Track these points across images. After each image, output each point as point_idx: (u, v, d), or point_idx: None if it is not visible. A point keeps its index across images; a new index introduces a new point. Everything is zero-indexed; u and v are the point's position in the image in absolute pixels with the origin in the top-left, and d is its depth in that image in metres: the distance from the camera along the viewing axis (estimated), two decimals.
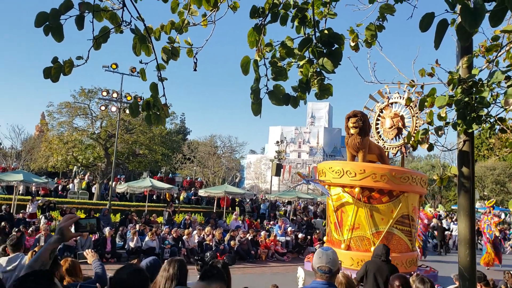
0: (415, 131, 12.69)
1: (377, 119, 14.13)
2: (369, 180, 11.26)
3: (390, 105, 13.86)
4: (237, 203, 28.95)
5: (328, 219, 13.15)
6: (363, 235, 11.49)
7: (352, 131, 11.65)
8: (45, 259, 2.53)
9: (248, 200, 31.07)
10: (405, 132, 13.29)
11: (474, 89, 3.06)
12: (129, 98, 22.87)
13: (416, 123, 12.77)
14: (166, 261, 3.67)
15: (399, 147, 13.35)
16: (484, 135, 3.86)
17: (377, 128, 14.06)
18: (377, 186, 11.32)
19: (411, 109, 12.93)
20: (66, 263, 4.48)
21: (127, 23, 2.50)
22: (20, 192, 23.86)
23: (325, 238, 13.61)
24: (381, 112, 14.17)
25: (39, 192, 24.24)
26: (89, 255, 4.48)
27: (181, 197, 30.11)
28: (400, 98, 13.46)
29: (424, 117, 12.61)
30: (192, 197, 30.28)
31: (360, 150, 11.71)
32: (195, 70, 3.13)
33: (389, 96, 13.93)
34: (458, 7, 2.17)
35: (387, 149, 13.55)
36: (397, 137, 13.46)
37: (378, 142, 13.82)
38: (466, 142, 3.22)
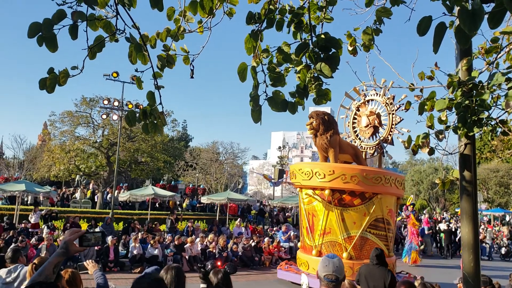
0: (392, 130, 12.32)
1: (354, 118, 13.53)
2: (338, 182, 10.62)
3: (366, 102, 13.21)
4: (258, 212, 28.73)
5: (300, 224, 12.58)
6: (334, 240, 10.86)
7: (309, 132, 11.32)
8: (48, 273, 2.51)
9: (275, 208, 30.88)
10: (381, 131, 12.73)
11: (474, 91, 3.03)
12: (130, 106, 22.89)
13: (393, 121, 12.24)
14: (163, 268, 3.64)
15: (376, 146, 12.68)
16: (486, 137, 3.82)
17: (354, 127, 13.39)
18: (348, 188, 10.68)
19: (387, 107, 12.37)
20: (66, 274, 4.45)
21: (121, 31, 2.48)
22: (29, 202, 23.96)
23: (299, 244, 12.98)
24: (358, 110, 13.46)
25: (43, 203, 24.29)
26: (90, 265, 4.43)
27: (184, 204, 30.08)
28: (377, 95, 12.82)
29: (400, 114, 12.30)
30: (197, 205, 30.21)
31: (329, 149, 11.12)
32: (192, 77, 3.11)
33: (365, 94, 13.24)
34: (456, 10, 2.15)
35: (365, 149, 12.90)
36: (374, 136, 12.81)
37: (355, 142, 13.23)
38: (467, 145, 3.18)
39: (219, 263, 12.73)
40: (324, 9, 2.96)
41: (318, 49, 2.66)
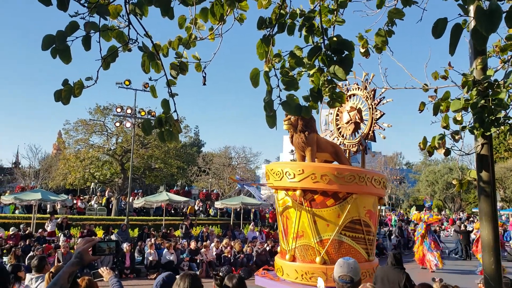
0: (373, 125, 11.81)
1: (337, 114, 12.84)
2: (308, 181, 9.96)
3: (348, 97, 12.54)
4: None
5: (278, 227, 11.90)
6: (307, 244, 10.18)
7: (284, 127, 10.64)
8: (63, 282, 2.53)
9: None
10: (363, 127, 12.00)
11: (490, 90, 2.98)
12: (143, 113, 23.08)
13: (374, 115, 11.54)
14: (178, 276, 3.61)
15: (358, 143, 11.98)
16: (502, 136, 3.75)
17: (337, 124, 12.77)
18: (319, 188, 10.02)
19: (368, 101, 11.78)
20: (83, 282, 4.48)
21: (133, 40, 2.50)
22: (48, 210, 24.38)
23: (278, 249, 12.42)
24: (340, 106, 12.91)
25: (59, 211, 24.64)
26: (105, 272, 4.44)
27: (211, 211, 30.26)
28: (359, 89, 12.14)
29: (381, 109, 11.77)
30: (218, 210, 30.23)
31: (306, 148, 10.57)
32: (204, 84, 3.12)
33: (348, 88, 12.53)
34: (472, 10, 2.11)
35: (348, 146, 12.24)
36: (356, 132, 12.16)
37: (338, 139, 12.70)
38: (484, 145, 3.12)
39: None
40: (335, 12, 2.95)
41: (330, 52, 2.64)
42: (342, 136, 12.50)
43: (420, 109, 3.44)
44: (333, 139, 12.71)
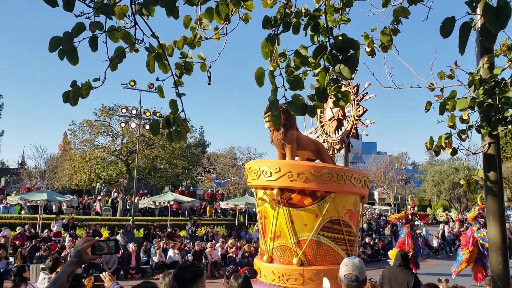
0: (356, 122, 11.64)
1: (321, 111, 12.33)
2: (285, 180, 9.63)
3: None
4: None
5: (258, 227, 11.99)
6: (285, 245, 9.87)
7: (266, 125, 10.11)
8: (63, 281, 2.54)
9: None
10: (346, 124, 11.99)
11: (497, 89, 2.96)
12: (148, 114, 23.14)
13: (356, 112, 11.10)
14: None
15: (340, 141, 11.54)
16: (508, 135, 3.73)
17: (321, 122, 12.37)
18: (297, 186, 9.70)
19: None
20: (90, 282, 4.49)
21: (139, 41, 2.50)
22: (54, 211, 24.61)
23: (259, 250, 12.30)
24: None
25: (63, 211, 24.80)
26: (107, 278, 4.32)
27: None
28: (342, 85, 12.09)
29: (364, 105, 11.60)
30: (231, 211, 30.14)
31: (285, 145, 10.21)
32: (209, 84, 3.12)
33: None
34: (479, 8, 2.09)
35: (331, 144, 11.86)
36: (339, 129, 11.78)
37: (322, 137, 12.54)
38: (491, 144, 3.10)
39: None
40: (340, 11, 2.94)
41: (336, 51, 2.63)
42: (326, 133, 12.35)
43: (427, 109, 3.42)
44: (317, 136, 12.54)
